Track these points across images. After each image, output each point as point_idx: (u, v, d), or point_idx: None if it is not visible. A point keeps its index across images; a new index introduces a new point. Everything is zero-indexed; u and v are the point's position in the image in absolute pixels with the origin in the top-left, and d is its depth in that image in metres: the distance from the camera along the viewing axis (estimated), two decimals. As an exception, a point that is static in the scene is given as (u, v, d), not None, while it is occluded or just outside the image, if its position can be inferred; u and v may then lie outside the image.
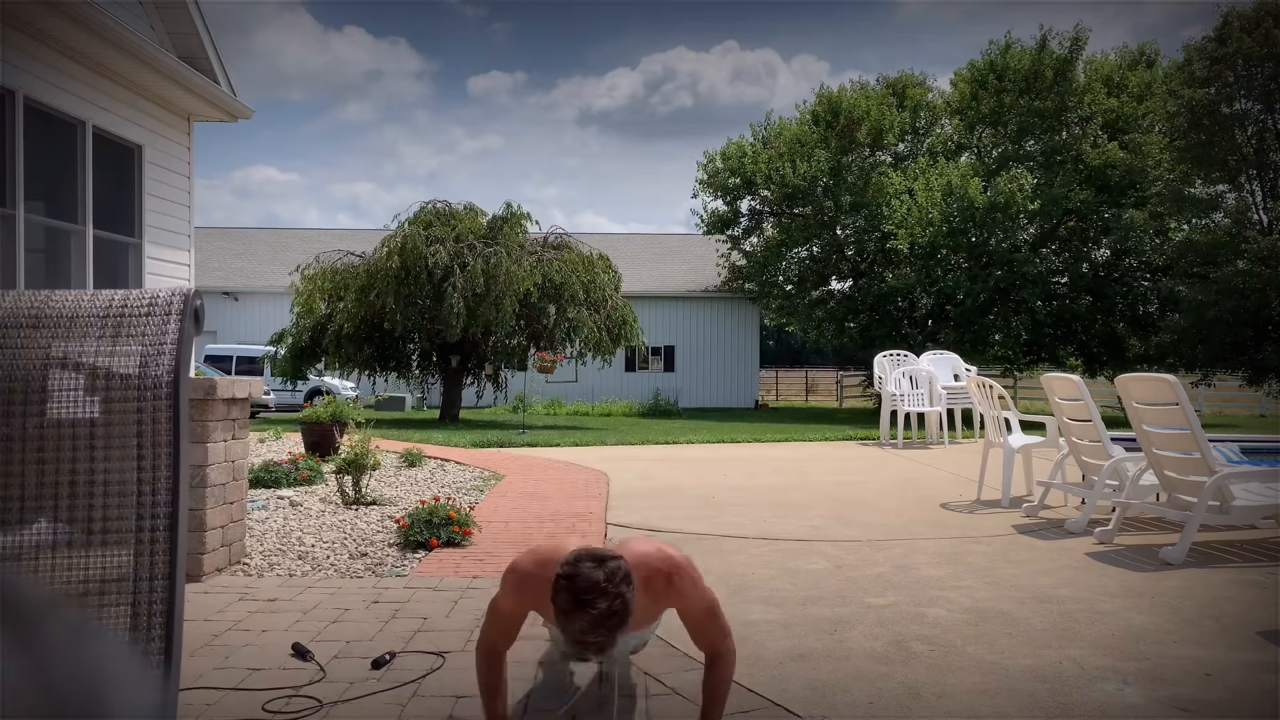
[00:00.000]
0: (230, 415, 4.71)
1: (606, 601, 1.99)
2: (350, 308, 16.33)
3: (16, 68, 6.71)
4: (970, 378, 9.54)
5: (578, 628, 2.01)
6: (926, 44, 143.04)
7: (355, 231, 31.34)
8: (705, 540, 5.56)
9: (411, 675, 3.11)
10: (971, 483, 7.75)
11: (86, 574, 1.44)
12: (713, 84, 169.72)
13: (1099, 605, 4.06)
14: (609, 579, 2.01)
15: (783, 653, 3.41)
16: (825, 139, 23.90)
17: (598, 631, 2.00)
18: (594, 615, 1.98)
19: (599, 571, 2.02)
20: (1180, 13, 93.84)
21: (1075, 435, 6.11)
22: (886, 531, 5.86)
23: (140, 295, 1.57)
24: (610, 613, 1.99)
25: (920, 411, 11.80)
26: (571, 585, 2.01)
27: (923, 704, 2.92)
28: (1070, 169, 22.04)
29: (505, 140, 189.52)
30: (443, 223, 17.56)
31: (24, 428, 1.48)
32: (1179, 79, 19.90)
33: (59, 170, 7.43)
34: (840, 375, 35.51)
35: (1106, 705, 2.91)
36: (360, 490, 6.79)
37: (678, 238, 34.28)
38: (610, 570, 2.03)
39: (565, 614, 2.02)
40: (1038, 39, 23.09)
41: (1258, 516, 5.27)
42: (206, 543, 4.45)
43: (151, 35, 8.36)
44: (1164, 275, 21.36)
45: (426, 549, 5.15)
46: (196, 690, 2.95)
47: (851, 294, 24.90)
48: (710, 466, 9.58)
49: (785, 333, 40.70)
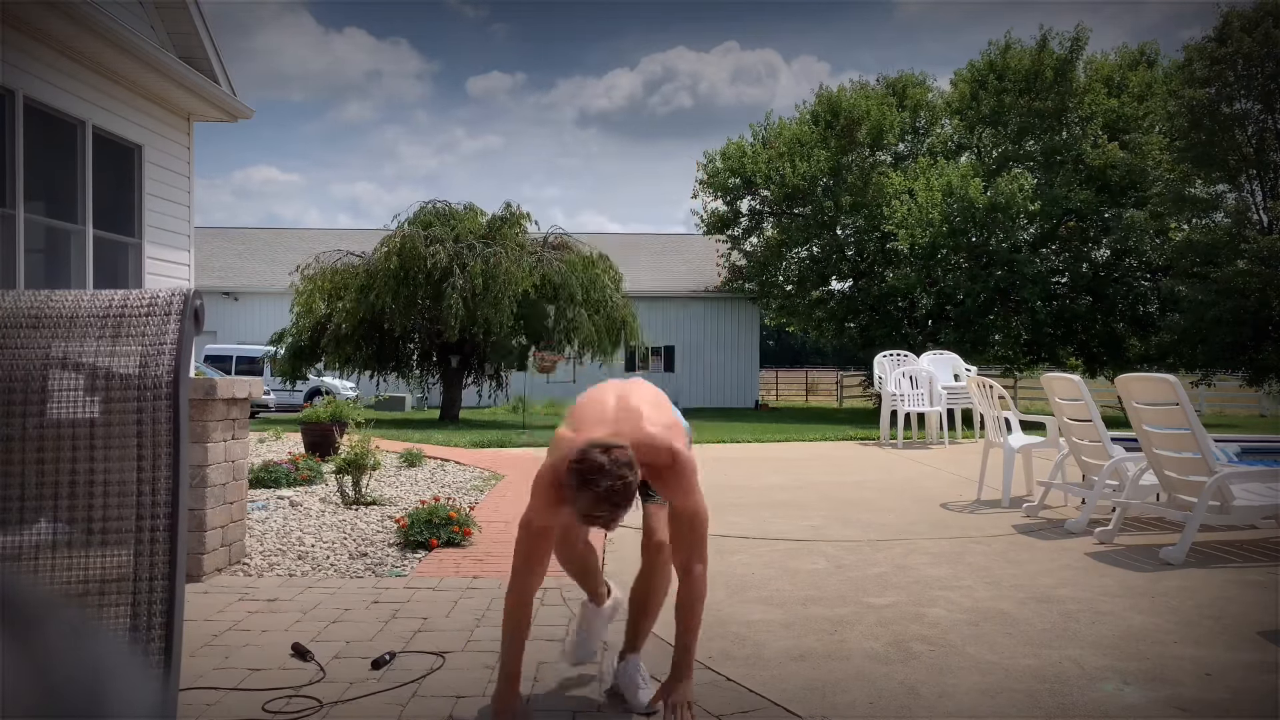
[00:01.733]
0: (230, 415, 4.71)
1: (609, 481, 2.35)
2: (350, 308, 16.33)
3: (16, 68, 6.71)
4: (970, 378, 9.54)
5: (585, 503, 2.39)
6: (926, 45, 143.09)
7: (355, 231, 31.34)
8: (705, 540, 5.56)
9: (411, 675, 3.11)
10: (971, 483, 7.75)
11: (86, 574, 1.44)
12: (713, 84, 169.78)
13: (1099, 605, 4.06)
14: (613, 464, 2.37)
15: (783, 653, 3.41)
16: (825, 139, 23.90)
17: (602, 507, 2.38)
18: (598, 493, 2.35)
19: (604, 457, 2.38)
20: (1180, 12, 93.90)
21: (1075, 435, 6.11)
22: (886, 531, 5.85)
23: (140, 295, 1.57)
24: (612, 490, 2.36)
25: (920, 411, 11.79)
26: (580, 468, 2.38)
27: (923, 704, 2.92)
28: (1070, 169, 22.04)
29: (505, 140, 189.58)
30: (442, 223, 17.56)
31: (24, 428, 1.48)
32: (1179, 79, 19.91)
33: (59, 170, 7.43)
34: (840, 375, 35.53)
35: (1106, 705, 2.91)
36: (360, 490, 6.79)
37: (678, 238, 34.27)
38: (614, 457, 2.39)
39: (575, 491, 2.39)
40: (1038, 39, 23.10)
41: (1258, 516, 5.26)
42: (206, 543, 4.45)
43: (151, 35, 8.36)
44: (1164, 275, 21.36)
45: (426, 549, 5.14)
46: (196, 690, 2.95)
47: (851, 294, 24.90)
48: (710, 466, 9.57)
49: (785, 333, 40.68)
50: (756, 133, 25.96)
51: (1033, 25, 55.08)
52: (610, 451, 2.40)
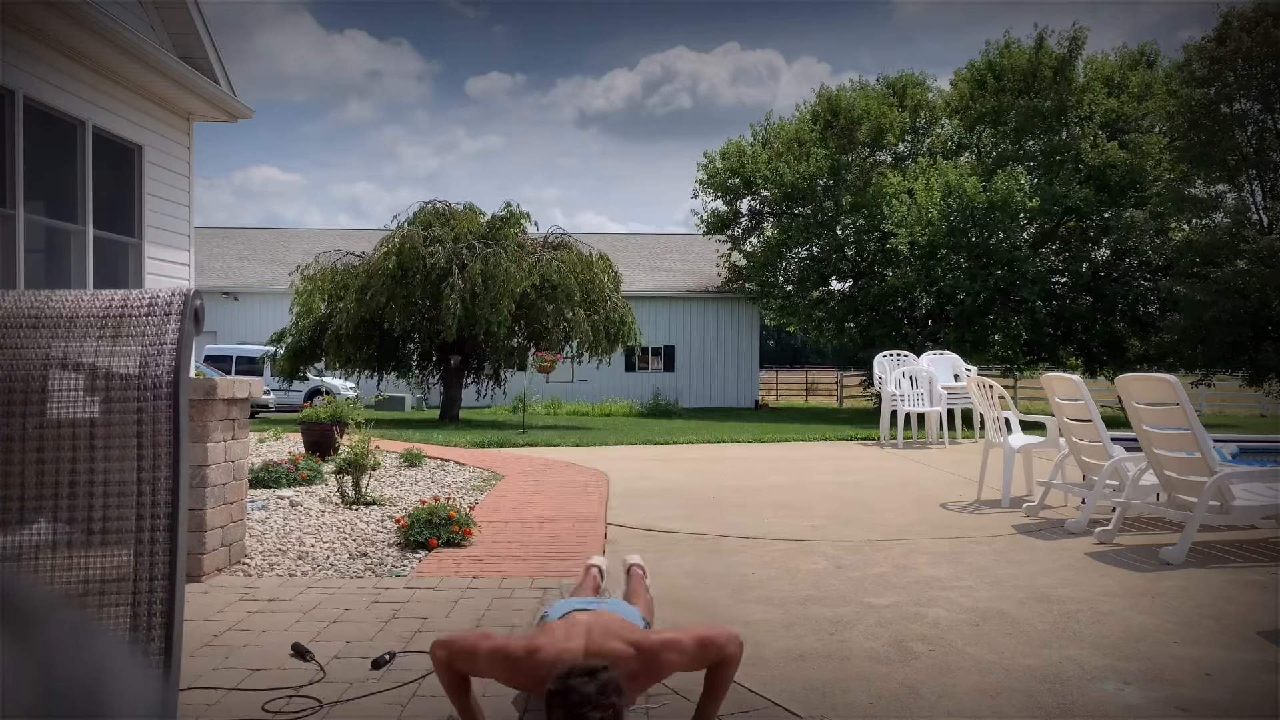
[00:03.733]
0: (230, 415, 4.71)
1: (600, 714, 2.13)
2: (350, 308, 16.32)
3: (16, 68, 6.71)
4: (970, 378, 9.54)
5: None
6: (925, 46, 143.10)
7: (355, 231, 31.34)
8: (705, 540, 5.56)
9: (411, 675, 3.11)
10: (971, 483, 7.75)
11: (86, 574, 1.44)
12: (713, 85, 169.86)
13: (1099, 605, 4.06)
14: (600, 692, 2.15)
15: (783, 653, 3.41)
16: (824, 138, 23.90)
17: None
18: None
19: (590, 685, 2.16)
20: (1177, 13, 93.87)
21: (1075, 435, 6.11)
22: (887, 531, 5.85)
23: (140, 295, 1.57)
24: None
25: (920, 411, 11.80)
26: (566, 701, 2.14)
27: (923, 704, 2.92)
28: (1070, 169, 22.04)
29: (505, 141, 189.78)
30: (442, 223, 17.56)
31: (24, 428, 1.48)
32: (1179, 79, 19.91)
33: (59, 170, 7.43)
34: (840, 375, 35.54)
35: (1106, 705, 2.91)
36: (360, 490, 6.79)
37: (678, 238, 34.27)
38: (602, 683, 2.17)
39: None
40: (1035, 38, 23.10)
41: (1258, 516, 5.26)
42: (206, 543, 4.45)
43: (151, 35, 8.36)
44: (1164, 275, 21.36)
45: (426, 549, 5.14)
46: (196, 690, 2.95)
47: (851, 294, 24.90)
48: (710, 466, 9.57)
49: (785, 333, 40.71)
50: (756, 133, 25.98)
51: (1031, 26, 55.06)
52: (596, 676, 2.18)
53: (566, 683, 2.17)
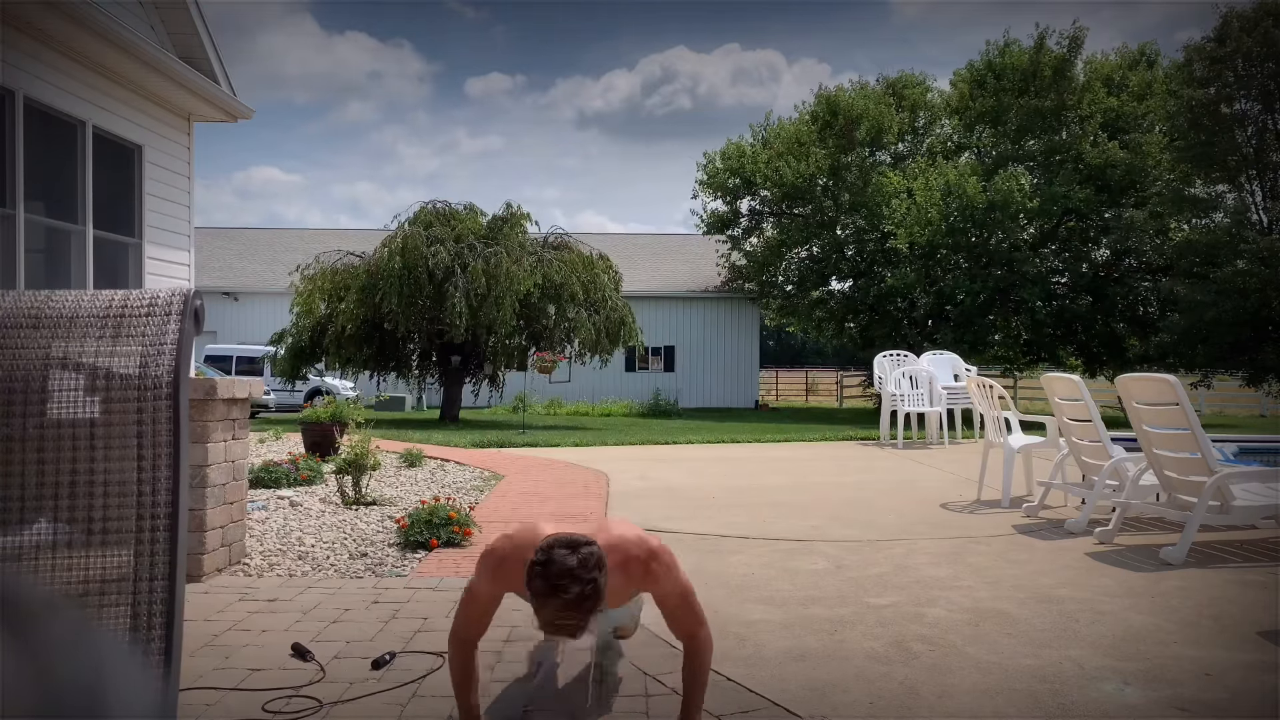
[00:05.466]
0: (230, 415, 4.71)
1: (579, 587, 2.06)
2: (350, 308, 16.32)
3: (16, 68, 6.71)
4: (970, 378, 9.54)
5: (551, 611, 2.09)
6: (924, 46, 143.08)
7: (355, 232, 31.34)
8: (705, 540, 5.56)
9: (411, 675, 3.11)
10: (971, 483, 7.75)
11: (86, 574, 1.44)
12: (713, 86, 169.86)
13: (1099, 605, 4.06)
14: (581, 565, 2.09)
15: (783, 653, 3.41)
16: (824, 138, 23.90)
17: (570, 615, 2.09)
18: (566, 600, 2.06)
19: (572, 558, 2.09)
20: (1177, 13, 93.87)
21: (1075, 435, 6.11)
22: (886, 531, 5.85)
23: (140, 295, 1.57)
24: (582, 597, 2.07)
25: (920, 412, 11.80)
26: (545, 571, 2.08)
27: (923, 704, 2.92)
28: (1070, 168, 22.04)
29: (505, 141, 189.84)
30: (443, 223, 17.56)
31: (24, 428, 1.48)
32: (1179, 79, 19.91)
33: (59, 170, 7.43)
34: (840, 375, 35.51)
35: (1106, 705, 2.91)
36: (360, 490, 6.79)
37: (678, 238, 34.26)
38: (583, 556, 2.11)
39: (539, 598, 2.09)
40: (1035, 38, 23.10)
41: (1258, 516, 5.26)
42: (206, 543, 4.45)
43: (151, 35, 8.36)
44: (1164, 275, 21.35)
45: (426, 549, 5.15)
46: (196, 690, 2.95)
47: (851, 294, 24.90)
48: (710, 466, 9.57)
49: (785, 333, 40.70)
50: (756, 133, 25.99)
51: (1031, 26, 55.01)
52: (578, 549, 2.12)
53: (549, 554, 2.11)
